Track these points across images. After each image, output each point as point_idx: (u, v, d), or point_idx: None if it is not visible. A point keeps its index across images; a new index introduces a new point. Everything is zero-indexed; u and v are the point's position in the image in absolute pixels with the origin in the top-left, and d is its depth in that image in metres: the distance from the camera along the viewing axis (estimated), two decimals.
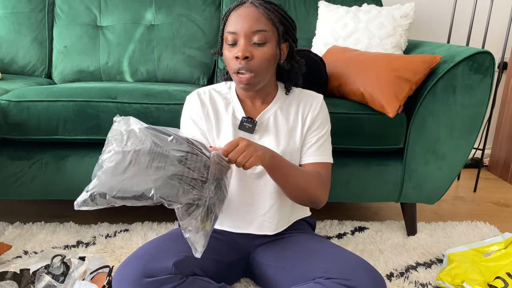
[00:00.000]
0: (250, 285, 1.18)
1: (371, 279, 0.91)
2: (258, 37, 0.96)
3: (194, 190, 0.80)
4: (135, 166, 0.77)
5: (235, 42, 0.97)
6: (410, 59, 1.30)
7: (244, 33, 0.96)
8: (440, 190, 1.44)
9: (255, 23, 0.96)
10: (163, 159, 0.79)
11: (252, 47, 0.97)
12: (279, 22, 1.00)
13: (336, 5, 1.78)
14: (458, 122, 1.33)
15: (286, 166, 0.99)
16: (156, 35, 1.82)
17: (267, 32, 0.97)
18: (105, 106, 1.28)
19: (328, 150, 1.11)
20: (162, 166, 0.78)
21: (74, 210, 1.64)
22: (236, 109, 1.08)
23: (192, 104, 1.08)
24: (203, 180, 0.82)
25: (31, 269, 1.12)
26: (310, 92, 1.14)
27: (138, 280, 0.87)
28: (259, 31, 0.96)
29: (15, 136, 1.29)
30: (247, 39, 0.96)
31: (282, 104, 1.09)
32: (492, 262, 1.22)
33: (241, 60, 0.96)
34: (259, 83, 1.01)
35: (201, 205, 0.81)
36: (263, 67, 0.98)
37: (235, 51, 0.97)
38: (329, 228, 1.54)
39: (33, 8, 1.83)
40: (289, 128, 1.08)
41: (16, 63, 1.83)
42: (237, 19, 0.97)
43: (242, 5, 0.99)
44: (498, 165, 2.27)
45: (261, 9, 0.97)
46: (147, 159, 0.78)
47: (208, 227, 0.84)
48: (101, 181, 0.78)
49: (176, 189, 0.78)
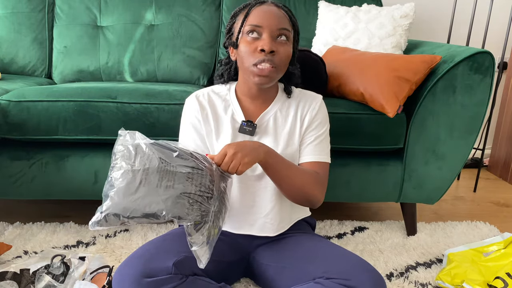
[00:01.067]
0: (250, 285, 1.18)
1: (371, 279, 0.92)
2: (282, 35, 0.99)
3: (202, 206, 0.83)
4: (146, 186, 0.79)
5: (257, 36, 0.98)
6: (410, 59, 1.30)
7: (270, 28, 0.97)
8: (440, 190, 1.44)
9: (281, 21, 0.99)
10: (172, 177, 0.81)
11: (276, 43, 0.98)
12: (293, 25, 1.03)
13: (336, 5, 1.78)
14: (458, 122, 1.33)
15: (281, 163, 0.99)
16: (156, 35, 1.82)
17: (289, 32, 1.00)
18: (105, 106, 1.28)
19: (326, 149, 1.11)
20: (171, 185, 0.80)
21: (74, 210, 1.64)
22: (235, 111, 1.08)
23: (191, 108, 1.07)
24: (209, 196, 0.84)
25: (31, 269, 1.12)
26: (310, 92, 1.14)
27: (138, 280, 0.87)
28: (284, 29, 0.99)
29: (15, 136, 1.29)
30: (272, 34, 0.98)
31: (282, 106, 1.10)
32: (491, 262, 1.22)
33: (267, 53, 0.97)
34: (275, 79, 1.02)
35: (208, 221, 0.83)
36: (283, 64, 1.01)
37: (260, 44, 0.97)
38: (329, 228, 1.54)
39: (33, 8, 1.83)
40: (288, 129, 1.08)
41: (16, 63, 1.83)
42: (262, 14, 0.98)
43: (264, 3, 1.01)
44: (498, 165, 2.27)
45: (283, 10, 1.01)
46: (156, 177, 0.80)
47: (213, 240, 0.86)
48: (114, 202, 0.79)
49: (186, 208, 0.81)
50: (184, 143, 1.08)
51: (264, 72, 0.98)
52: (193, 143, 1.06)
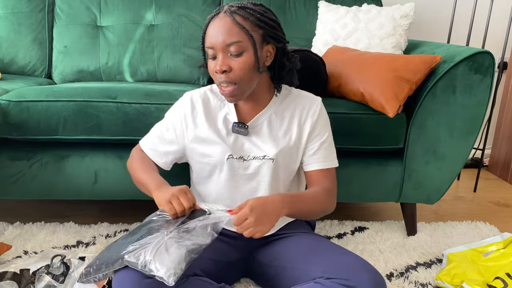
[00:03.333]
0: (250, 285, 1.18)
1: (371, 279, 0.91)
2: (233, 48, 0.95)
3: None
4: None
5: (214, 56, 0.98)
6: (410, 59, 1.30)
7: (220, 47, 0.96)
8: (440, 190, 1.44)
9: (228, 35, 0.95)
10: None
11: (230, 59, 0.97)
12: (256, 27, 0.97)
13: (336, 5, 1.78)
14: (458, 122, 1.33)
15: (300, 206, 1.01)
16: (156, 35, 1.82)
17: (241, 43, 0.95)
18: (105, 106, 1.28)
19: (332, 154, 1.11)
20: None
21: (74, 210, 1.64)
22: (230, 111, 1.08)
23: (181, 107, 1.09)
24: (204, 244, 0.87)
25: (31, 269, 1.12)
26: (308, 94, 1.13)
27: (138, 281, 0.87)
28: (232, 43, 0.95)
29: (15, 136, 1.29)
30: (224, 52, 0.96)
31: (277, 108, 1.09)
32: (491, 262, 1.22)
33: (219, 74, 0.97)
34: (244, 93, 1.01)
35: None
36: (243, 77, 0.98)
37: (214, 64, 0.97)
38: (329, 228, 1.54)
39: (33, 8, 1.83)
40: (284, 130, 1.07)
41: (16, 63, 1.83)
42: (212, 33, 0.97)
43: (217, 16, 0.98)
44: (498, 165, 2.27)
45: (235, 17, 0.95)
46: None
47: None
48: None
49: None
50: (155, 129, 1.14)
51: (226, 92, 0.99)
52: (159, 135, 1.12)
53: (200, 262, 0.96)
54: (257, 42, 0.98)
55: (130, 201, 1.66)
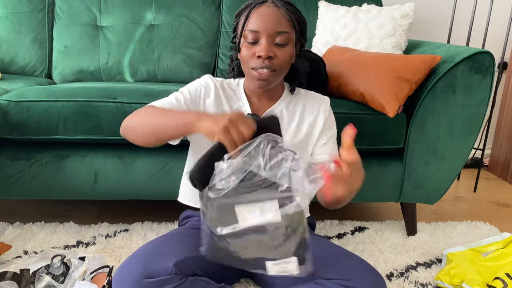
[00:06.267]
0: (250, 285, 1.18)
1: (371, 279, 0.92)
2: (280, 38, 0.97)
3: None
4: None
5: (256, 41, 0.98)
6: (410, 59, 1.30)
7: (267, 33, 0.96)
8: (440, 190, 1.44)
9: (278, 24, 0.97)
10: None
11: (274, 47, 0.98)
12: (297, 24, 1.01)
13: (336, 5, 1.78)
14: (458, 122, 1.33)
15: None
16: (156, 35, 1.82)
17: (289, 34, 0.98)
18: (105, 106, 1.28)
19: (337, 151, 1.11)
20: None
21: (74, 210, 1.64)
22: (243, 104, 1.08)
23: (200, 84, 1.07)
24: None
25: (31, 269, 1.12)
26: (316, 93, 1.15)
27: (138, 281, 0.87)
28: (282, 32, 0.97)
29: (15, 136, 1.29)
30: (270, 39, 0.97)
31: (288, 104, 1.10)
32: (490, 262, 1.22)
33: (264, 59, 0.97)
34: (276, 82, 1.03)
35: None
36: (283, 66, 1.00)
37: (257, 49, 0.97)
38: (329, 228, 1.54)
39: (33, 8, 1.83)
40: (296, 123, 1.09)
41: (16, 63, 1.83)
42: (259, 18, 0.97)
43: (263, 4, 0.99)
44: (498, 165, 2.27)
45: (283, 10, 0.98)
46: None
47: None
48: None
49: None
50: (167, 99, 1.05)
51: (263, 76, 0.98)
52: (170, 102, 1.04)
53: (200, 262, 0.97)
54: (296, 38, 1.02)
55: (130, 201, 1.66)
